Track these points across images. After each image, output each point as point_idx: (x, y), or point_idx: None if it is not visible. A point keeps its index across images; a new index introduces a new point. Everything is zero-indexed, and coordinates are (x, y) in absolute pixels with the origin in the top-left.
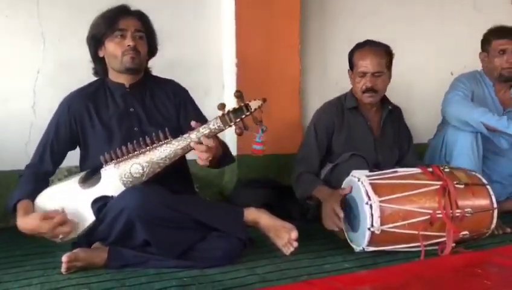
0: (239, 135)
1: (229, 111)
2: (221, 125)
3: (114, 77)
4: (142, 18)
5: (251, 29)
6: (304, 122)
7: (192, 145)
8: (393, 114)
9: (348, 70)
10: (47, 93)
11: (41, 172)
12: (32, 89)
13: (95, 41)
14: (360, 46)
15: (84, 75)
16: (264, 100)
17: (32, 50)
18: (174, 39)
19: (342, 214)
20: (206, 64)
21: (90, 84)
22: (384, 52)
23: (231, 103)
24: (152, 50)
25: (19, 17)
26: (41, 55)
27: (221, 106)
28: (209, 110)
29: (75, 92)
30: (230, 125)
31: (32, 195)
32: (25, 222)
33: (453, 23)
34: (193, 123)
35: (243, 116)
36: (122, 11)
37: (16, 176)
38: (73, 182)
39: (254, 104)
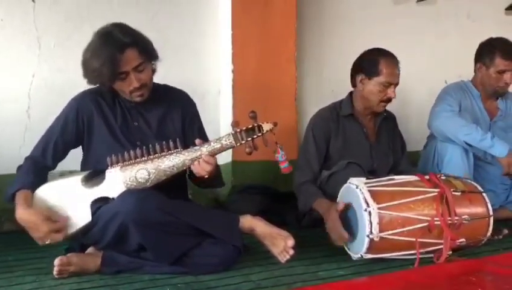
0: (248, 154)
1: (241, 130)
2: (233, 142)
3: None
4: (138, 45)
5: (247, 36)
6: (300, 129)
7: (204, 157)
8: (387, 121)
9: (361, 75)
10: (42, 97)
11: (41, 165)
12: (27, 93)
13: (101, 84)
14: (385, 54)
15: (79, 79)
16: (275, 124)
17: (27, 54)
18: (171, 44)
19: (346, 235)
20: (203, 70)
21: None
22: None
23: (226, 109)
24: (155, 67)
25: (14, 22)
26: (36, 59)
27: (236, 124)
28: (205, 116)
29: (86, 92)
30: (241, 143)
31: (32, 186)
32: (26, 214)
33: (447, 32)
34: (197, 141)
35: (255, 136)
36: (118, 49)
37: (10, 180)
38: (76, 180)
39: (266, 127)
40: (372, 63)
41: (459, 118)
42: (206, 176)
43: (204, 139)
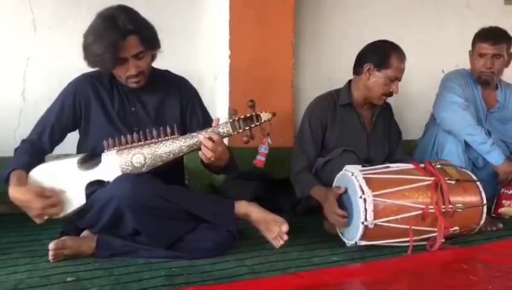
0: (245, 142)
1: (239, 118)
2: (230, 130)
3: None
4: (140, 33)
5: (245, 22)
6: (296, 117)
7: (201, 139)
8: (384, 111)
9: (369, 65)
10: (37, 80)
11: (37, 148)
12: (22, 76)
13: (102, 69)
14: (397, 49)
15: (74, 62)
16: (274, 114)
17: (22, 36)
18: (167, 30)
19: (340, 212)
20: (199, 56)
21: (99, 71)
22: None
23: (223, 95)
24: (155, 54)
25: (9, 4)
26: (31, 41)
27: (234, 112)
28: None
29: (84, 76)
30: (238, 132)
31: (27, 167)
32: (19, 192)
33: (445, 21)
34: (214, 122)
35: (252, 125)
36: (121, 35)
37: (5, 162)
38: (72, 162)
39: (264, 116)
40: (384, 55)
41: (468, 114)
42: (210, 161)
43: (210, 122)
